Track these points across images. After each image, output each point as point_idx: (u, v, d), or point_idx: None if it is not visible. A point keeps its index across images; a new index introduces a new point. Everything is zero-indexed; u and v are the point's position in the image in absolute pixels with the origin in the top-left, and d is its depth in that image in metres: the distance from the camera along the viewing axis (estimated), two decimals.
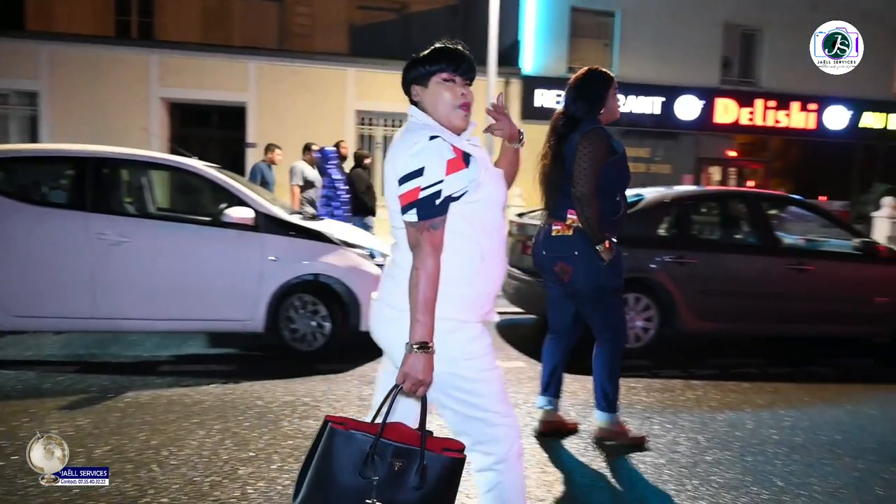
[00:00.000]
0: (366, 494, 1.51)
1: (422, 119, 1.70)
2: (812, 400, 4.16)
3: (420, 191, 1.59)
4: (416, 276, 1.57)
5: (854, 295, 5.26)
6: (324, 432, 1.58)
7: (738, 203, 5.67)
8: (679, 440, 3.35)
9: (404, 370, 1.56)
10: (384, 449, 1.53)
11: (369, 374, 4.28)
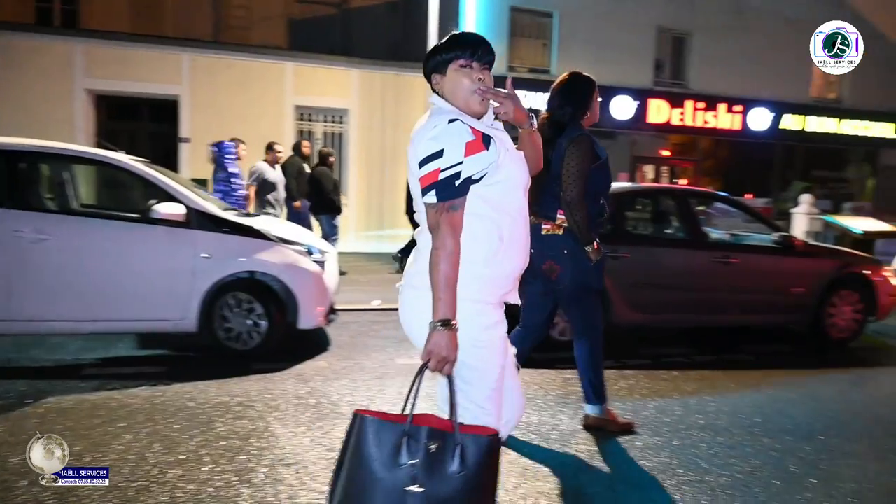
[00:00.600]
0: (405, 483, 1.47)
1: (442, 105, 1.72)
2: (735, 386, 4.38)
3: (439, 172, 1.60)
4: (437, 256, 1.59)
5: (774, 286, 5.55)
6: (353, 427, 1.55)
7: (669, 199, 5.90)
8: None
9: (428, 348, 1.57)
10: (416, 432, 1.51)
11: (307, 373, 4.22)
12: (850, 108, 15.88)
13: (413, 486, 1.47)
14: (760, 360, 5.19)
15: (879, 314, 5.80)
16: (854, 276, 5.70)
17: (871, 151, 16.63)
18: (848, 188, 16.63)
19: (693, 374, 4.65)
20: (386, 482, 1.48)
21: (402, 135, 11.69)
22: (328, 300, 4.80)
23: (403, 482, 1.48)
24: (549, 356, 4.83)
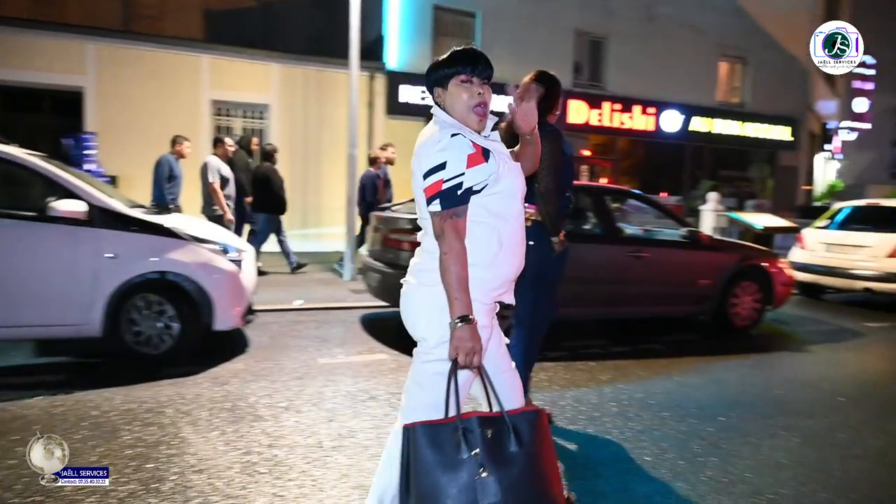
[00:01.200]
0: (474, 474, 1.55)
1: (444, 118, 1.84)
2: (647, 374, 4.59)
3: (443, 183, 1.72)
4: (447, 260, 1.70)
5: (683, 278, 5.86)
6: (407, 442, 1.61)
7: (585, 196, 6.09)
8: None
9: (454, 345, 1.66)
10: (469, 424, 1.59)
11: (223, 375, 4.08)
12: (751, 111, 17.00)
13: (482, 473, 1.54)
14: (670, 348, 5.46)
15: (776, 303, 6.24)
16: (753, 267, 6.10)
17: (770, 153, 17.86)
18: (751, 187, 17.79)
19: (609, 364, 4.84)
20: (455, 481, 1.55)
21: (327, 132, 11.52)
22: (245, 300, 4.65)
23: (472, 473, 1.55)
24: None
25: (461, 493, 1.54)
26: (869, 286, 7.81)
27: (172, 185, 7.30)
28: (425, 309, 1.80)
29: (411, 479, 1.60)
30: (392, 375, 4.24)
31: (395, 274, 5.28)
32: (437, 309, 1.76)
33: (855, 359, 5.51)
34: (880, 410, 3.99)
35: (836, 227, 8.58)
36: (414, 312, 1.85)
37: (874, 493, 2.79)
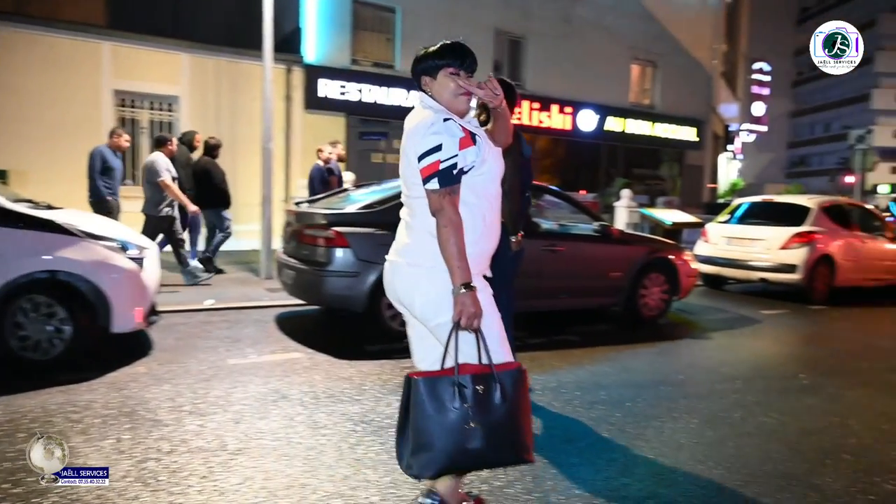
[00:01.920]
0: (464, 421, 1.81)
1: (432, 104, 2.01)
2: (561, 364, 4.70)
3: (440, 163, 1.88)
4: (447, 233, 1.88)
5: (595, 271, 6.05)
6: (409, 390, 1.87)
7: None
8: None
9: (458, 309, 1.86)
10: (464, 380, 1.85)
11: (121, 380, 3.83)
12: (660, 113, 17.85)
13: (469, 423, 1.81)
14: (584, 339, 5.62)
15: (682, 293, 6.57)
16: (661, 260, 6.38)
17: (679, 152, 18.83)
18: (662, 185, 18.70)
19: (524, 355, 4.90)
20: (448, 425, 1.82)
21: (242, 126, 11.11)
22: (148, 300, 4.39)
23: (463, 421, 1.82)
24: (387, 347, 4.85)
25: (450, 434, 1.82)
26: (764, 276, 8.38)
27: (109, 178, 6.86)
28: (420, 290, 1.98)
29: (409, 419, 1.87)
30: (305, 374, 4.13)
31: (310, 271, 5.16)
32: (433, 291, 1.96)
33: (751, 344, 5.88)
34: (771, 391, 4.26)
35: (736, 222, 9.14)
36: (408, 291, 2.02)
37: (763, 466, 2.97)
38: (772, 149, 54.75)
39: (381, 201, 5.41)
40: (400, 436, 1.93)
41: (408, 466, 1.90)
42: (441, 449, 1.83)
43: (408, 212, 2.07)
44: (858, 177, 16.30)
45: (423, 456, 1.84)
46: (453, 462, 1.87)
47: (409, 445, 1.87)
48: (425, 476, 1.92)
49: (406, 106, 13.28)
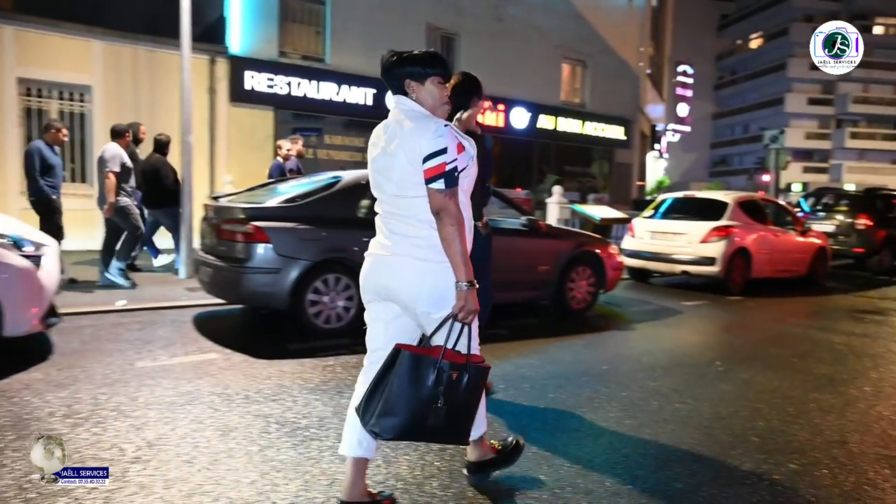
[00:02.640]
0: (434, 400, 2.00)
1: (420, 109, 2.16)
2: (489, 358, 4.66)
3: (445, 165, 2.02)
4: (453, 231, 2.02)
5: (524, 265, 6.08)
6: (395, 358, 2.04)
7: None
8: None
9: (461, 303, 2.04)
10: (444, 365, 2.02)
11: (13, 388, 3.52)
12: (590, 112, 18.29)
13: (438, 402, 2.00)
14: (513, 332, 5.64)
15: (608, 286, 6.70)
16: (587, 254, 6.48)
17: (608, 150, 19.35)
18: (593, 182, 19.17)
19: None
20: (418, 399, 2.00)
21: (161, 119, 10.55)
22: (45, 301, 4.06)
23: (431, 399, 2.00)
24: (310, 345, 4.70)
25: (419, 407, 2.01)
26: (686, 269, 8.68)
27: (51, 176, 6.43)
28: (427, 284, 2.11)
29: (385, 384, 2.04)
30: (220, 376, 3.92)
31: (228, 268, 4.93)
32: (442, 285, 2.09)
33: (672, 334, 6.06)
34: (688, 378, 4.38)
35: (660, 217, 9.43)
36: (412, 285, 2.12)
37: (676, 451, 3.03)
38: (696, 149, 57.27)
39: (304, 195, 5.24)
40: (369, 397, 2.09)
41: (372, 425, 2.06)
42: (407, 418, 2.01)
43: (397, 209, 2.16)
44: (773, 175, 17.22)
45: (389, 419, 2.02)
46: (411, 432, 2.07)
47: (377, 407, 2.04)
48: (384, 437, 2.08)
49: (337, 101, 13.04)
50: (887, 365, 4.98)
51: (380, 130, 2.22)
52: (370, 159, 2.23)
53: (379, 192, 2.21)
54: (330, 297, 5.03)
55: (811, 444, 3.18)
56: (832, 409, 3.79)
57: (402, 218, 2.14)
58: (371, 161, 2.22)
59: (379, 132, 2.22)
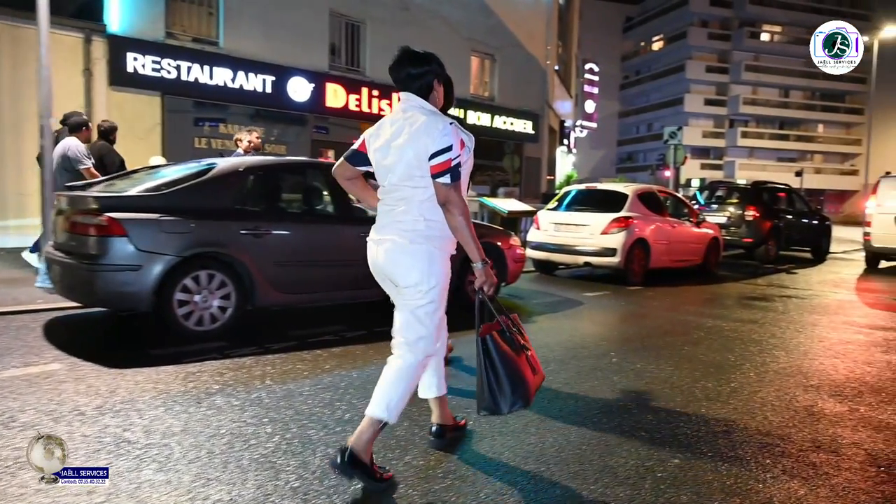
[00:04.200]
0: (522, 350, 2.48)
1: (432, 108, 2.37)
2: (379, 357, 4.35)
3: (451, 161, 2.22)
4: (461, 220, 2.24)
5: None
6: (485, 346, 2.41)
7: (316, 173, 5.71)
8: (222, 422, 3.02)
9: (483, 279, 2.35)
10: (510, 323, 2.52)
11: None
12: (499, 105, 18.33)
13: (527, 351, 2.53)
14: None
15: (509, 278, 6.55)
16: (488, 245, 6.28)
17: (518, 144, 19.49)
18: (503, 175, 19.25)
19: (337, 350, 4.52)
20: (518, 359, 2.43)
21: (26, 101, 9.48)
22: None
23: (521, 348, 2.49)
24: (177, 350, 4.21)
25: (520, 363, 2.42)
26: (588, 260, 8.74)
27: None
28: (420, 262, 2.31)
29: (497, 370, 2.37)
30: (56, 390, 3.38)
31: (80, 266, 4.33)
32: (428, 262, 2.33)
33: (571, 325, 5.98)
34: (582, 371, 4.26)
35: (564, 209, 9.46)
36: (406, 265, 2.32)
37: (561, 452, 2.84)
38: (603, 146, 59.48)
39: (171, 183, 4.71)
40: (489, 389, 2.37)
41: (511, 405, 2.36)
42: (526, 377, 2.39)
43: (393, 197, 2.38)
44: (673, 171, 17.93)
45: (519, 390, 2.36)
46: (533, 387, 2.46)
47: (504, 387, 2.32)
48: (527, 404, 2.43)
49: (232, 88, 12.27)
50: (771, 350, 5.09)
51: (385, 123, 2.41)
52: (373, 149, 2.42)
53: (380, 180, 2.44)
54: (202, 297, 4.54)
55: (696, 436, 3.09)
56: (718, 396, 3.76)
57: (395, 202, 2.35)
58: (373, 151, 2.41)
59: (384, 125, 2.41)
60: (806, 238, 13.71)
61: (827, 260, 13.80)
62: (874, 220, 11.88)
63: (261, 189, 5.19)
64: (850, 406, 3.68)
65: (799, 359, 4.83)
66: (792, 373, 4.39)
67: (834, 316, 6.84)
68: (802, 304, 7.66)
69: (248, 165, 5.13)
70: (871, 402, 3.76)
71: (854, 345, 5.41)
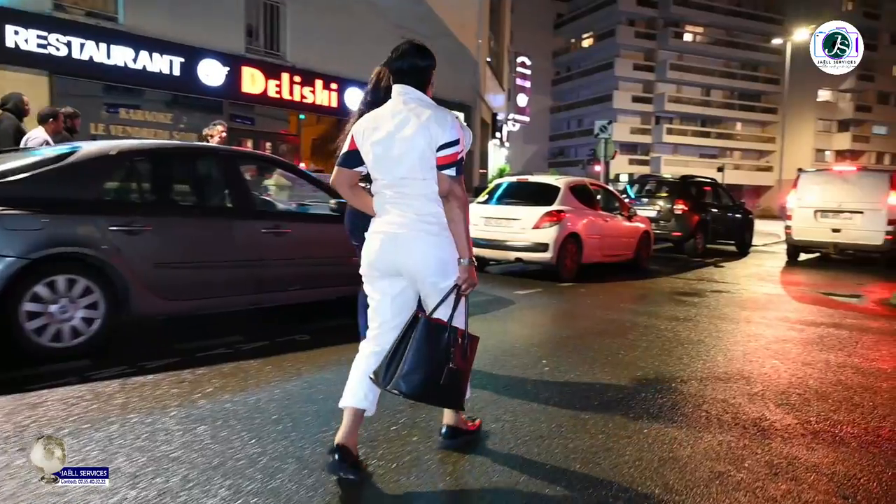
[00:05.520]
0: (447, 359, 2.28)
1: (430, 100, 2.42)
2: (276, 375, 3.73)
3: (458, 155, 2.29)
4: (461, 213, 2.29)
5: (333, 256, 5.18)
6: (412, 325, 2.31)
7: (208, 161, 4.98)
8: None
9: (465, 277, 2.32)
10: (454, 332, 2.31)
11: None
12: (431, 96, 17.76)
13: (450, 363, 2.28)
14: (316, 338, 4.71)
15: None
16: None
17: None
18: None
19: (228, 367, 3.84)
20: (435, 358, 2.27)
21: None
22: None
23: (445, 359, 2.27)
24: (20, 374, 3.44)
25: (434, 363, 2.28)
26: (520, 256, 8.33)
27: None
28: (444, 253, 2.32)
29: (404, 346, 2.29)
30: None
31: None
32: (450, 253, 2.33)
33: (500, 329, 5.51)
34: (509, 385, 3.77)
35: (495, 203, 9.02)
36: (433, 257, 2.32)
37: (482, 482, 2.32)
38: (536, 140, 60.06)
39: (18, 170, 3.89)
40: (390, 360, 2.29)
41: (393, 385, 2.25)
42: (427, 375, 2.25)
43: (405, 190, 2.33)
44: (604, 166, 17.93)
45: (412, 376, 2.24)
46: (427, 389, 2.26)
47: (398, 368, 2.25)
48: (408, 393, 2.25)
49: (134, 68, 11.15)
50: (710, 352, 4.79)
51: (383, 115, 2.34)
52: (371, 142, 2.33)
53: (382, 173, 2.35)
54: (60, 307, 3.76)
55: (639, 466, 2.64)
56: (660, 412, 3.35)
57: (413, 197, 2.32)
58: (372, 144, 2.33)
59: (382, 117, 2.34)
60: (730, 231, 13.90)
61: (750, 253, 14.06)
62: (795, 213, 12.12)
63: (139, 178, 4.43)
64: (800, 417, 3.35)
65: (739, 361, 4.54)
66: (734, 378, 4.06)
67: (766, 311, 6.69)
68: (733, 298, 7.53)
69: (123, 150, 4.35)
70: (819, 412, 3.46)
71: (791, 343, 5.20)
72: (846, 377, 4.19)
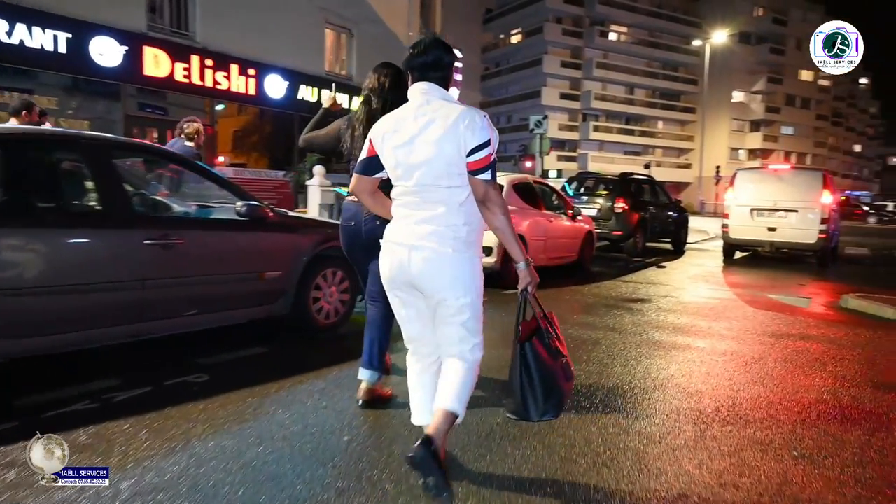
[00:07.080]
0: (560, 356, 2.32)
1: (454, 99, 2.28)
2: (153, 443, 2.75)
3: (491, 157, 2.15)
4: (505, 220, 2.17)
5: (239, 271, 4.23)
6: (523, 353, 2.25)
7: (69, 153, 3.87)
8: None
9: (526, 279, 2.24)
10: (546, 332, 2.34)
11: None
12: (358, 85, 16.71)
13: (563, 357, 2.33)
14: (218, 377, 3.74)
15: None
16: (338, 251, 4.82)
17: None
18: None
19: (87, 435, 2.82)
20: (553, 368, 2.27)
21: None
22: None
23: (558, 356, 2.30)
24: None
25: (556, 371, 2.29)
26: None
27: None
28: (465, 273, 2.18)
29: (531, 375, 2.25)
30: None
31: None
32: (471, 272, 2.21)
33: None
34: None
35: None
36: (451, 277, 2.17)
37: None
38: None
39: None
40: (522, 395, 2.24)
41: (542, 414, 2.24)
42: (560, 386, 2.26)
43: (428, 197, 2.18)
44: (538, 161, 17.49)
45: (553, 399, 2.24)
46: (566, 393, 2.32)
47: (538, 396, 2.20)
48: (558, 414, 2.29)
49: (9, 43, 9.55)
50: (685, 380, 4.17)
51: (405, 117, 2.20)
52: (392, 146, 2.20)
53: (404, 179, 2.21)
54: None
55: None
56: (607, 455, 2.63)
57: (435, 206, 2.17)
58: (393, 148, 2.20)
59: (403, 119, 2.20)
60: (667, 229, 13.73)
61: (686, 251, 13.94)
62: (732, 212, 12.01)
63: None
64: (835, 481, 2.73)
65: (724, 390, 3.93)
66: (728, 419, 3.43)
67: (726, 321, 6.22)
68: (687, 306, 7.05)
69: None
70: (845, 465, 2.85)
71: (771, 362, 4.67)
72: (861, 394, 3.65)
